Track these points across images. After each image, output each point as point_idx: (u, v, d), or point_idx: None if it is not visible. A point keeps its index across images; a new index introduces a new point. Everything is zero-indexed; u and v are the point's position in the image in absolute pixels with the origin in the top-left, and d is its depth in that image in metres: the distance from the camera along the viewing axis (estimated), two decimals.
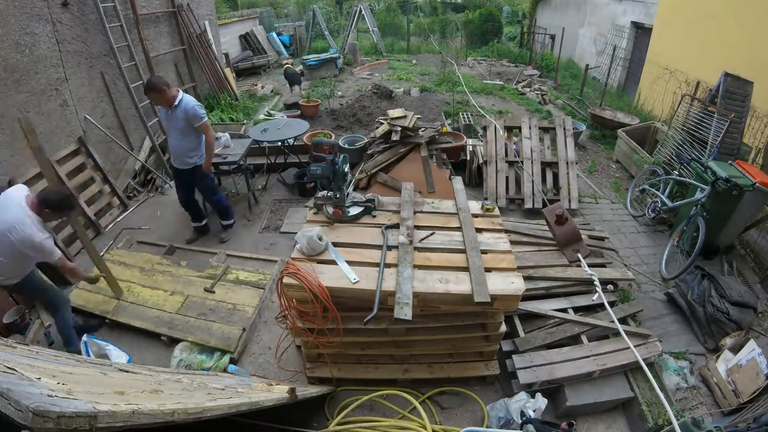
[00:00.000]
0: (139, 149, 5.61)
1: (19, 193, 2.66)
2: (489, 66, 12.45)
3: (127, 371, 2.04)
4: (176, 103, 3.62)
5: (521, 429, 2.38)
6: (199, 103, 3.76)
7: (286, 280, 2.26)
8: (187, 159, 3.85)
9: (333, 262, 2.41)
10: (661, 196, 4.36)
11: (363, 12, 13.27)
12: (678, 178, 4.37)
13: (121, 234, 4.49)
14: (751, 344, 2.84)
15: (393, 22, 17.26)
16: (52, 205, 2.64)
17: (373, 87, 8.70)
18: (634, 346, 2.72)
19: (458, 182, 3.21)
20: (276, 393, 2.04)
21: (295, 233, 2.54)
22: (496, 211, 2.95)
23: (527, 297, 2.97)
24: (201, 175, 3.96)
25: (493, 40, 15.54)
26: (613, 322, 2.89)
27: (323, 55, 11.29)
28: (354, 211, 2.80)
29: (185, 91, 6.97)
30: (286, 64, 12.66)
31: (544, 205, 4.58)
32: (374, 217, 2.82)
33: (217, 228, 4.50)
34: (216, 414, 1.43)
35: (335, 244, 2.53)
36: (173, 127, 3.73)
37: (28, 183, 3.94)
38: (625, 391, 2.71)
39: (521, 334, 2.89)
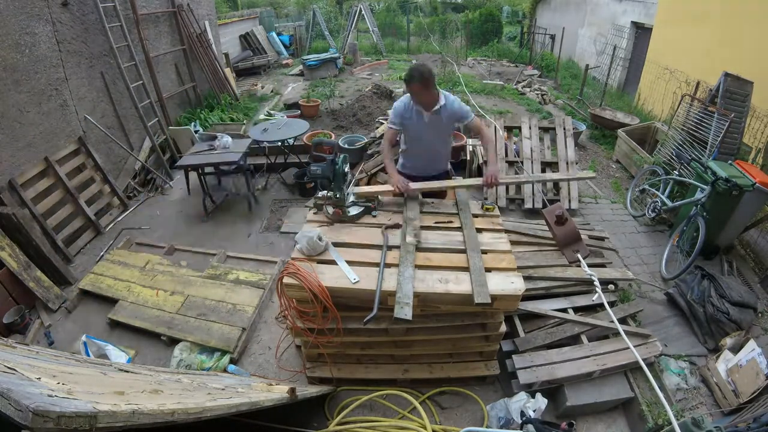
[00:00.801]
0: (139, 149, 5.61)
1: None
2: (489, 66, 12.45)
3: (127, 371, 2.04)
4: (441, 104, 2.86)
5: (521, 429, 2.38)
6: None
7: (286, 280, 2.26)
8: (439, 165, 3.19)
9: (333, 262, 2.41)
10: (661, 196, 4.36)
11: (363, 12, 13.27)
12: (678, 178, 4.37)
13: (121, 234, 4.49)
14: (751, 344, 2.84)
15: (393, 22, 17.27)
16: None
17: (373, 87, 8.69)
18: (634, 346, 2.72)
19: None
20: (276, 393, 2.04)
21: (296, 233, 2.54)
22: (496, 211, 2.95)
23: (527, 297, 2.97)
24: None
25: (493, 40, 15.55)
26: (613, 322, 2.89)
27: (323, 55, 11.30)
28: (354, 211, 2.80)
29: (186, 91, 7.03)
30: (287, 63, 12.65)
31: (544, 205, 4.58)
32: (374, 217, 2.82)
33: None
34: (216, 414, 1.43)
35: (335, 244, 2.53)
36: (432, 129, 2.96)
37: (28, 183, 3.95)
38: (625, 391, 2.70)
39: (521, 334, 2.89)
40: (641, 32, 8.40)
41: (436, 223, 2.77)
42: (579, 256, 3.35)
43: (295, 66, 12.27)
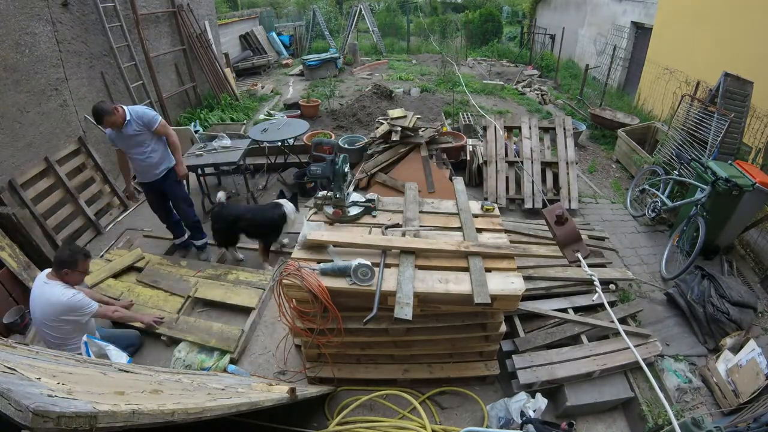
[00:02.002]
0: None
1: (41, 276, 2.70)
2: (489, 66, 12.45)
3: (127, 371, 2.03)
4: (127, 119, 3.36)
5: (521, 429, 2.38)
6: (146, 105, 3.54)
7: (286, 280, 2.26)
8: (156, 170, 3.64)
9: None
10: (661, 196, 4.36)
11: (363, 12, 13.27)
12: (678, 178, 4.37)
13: (123, 234, 4.49)
14: (751, 344, 2.84)
15: (393, 22, 17.27)
16: (66, 261, 2.64)
17: (373, 87, 8.69)
18: (634, 346, 2.71)
19: (459, 183, 3.21)
20: (276, 393, 2.04)
21: (295, 233, 2.53)
22: (496, 211, 2.95)
23: (527, 297, 2.97)
24: (174, 180, 3.76)
25: (493, 40, 15.56)
26: (613, 322, 2.89)
27: (323, 55, 11.30)
28: (354, 211, 2.80)
29: (186, 91, 7.03)
30: (287, 63, 12.63)
31: (544, 205, 4.58)
32: (374, 217, 2.82)
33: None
34: (216, 414, 1.43)
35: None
36: (134, 143, 3.48)
37: (28, 183, 3.95)
38: (625, 391, 2.71)
39: (521, 334, 2.89)
40: (641, 32, 8.40)
41: (430, 227, 2.76)
42: (579, 255, 3.35)
43: (295, 66, 12.27)
